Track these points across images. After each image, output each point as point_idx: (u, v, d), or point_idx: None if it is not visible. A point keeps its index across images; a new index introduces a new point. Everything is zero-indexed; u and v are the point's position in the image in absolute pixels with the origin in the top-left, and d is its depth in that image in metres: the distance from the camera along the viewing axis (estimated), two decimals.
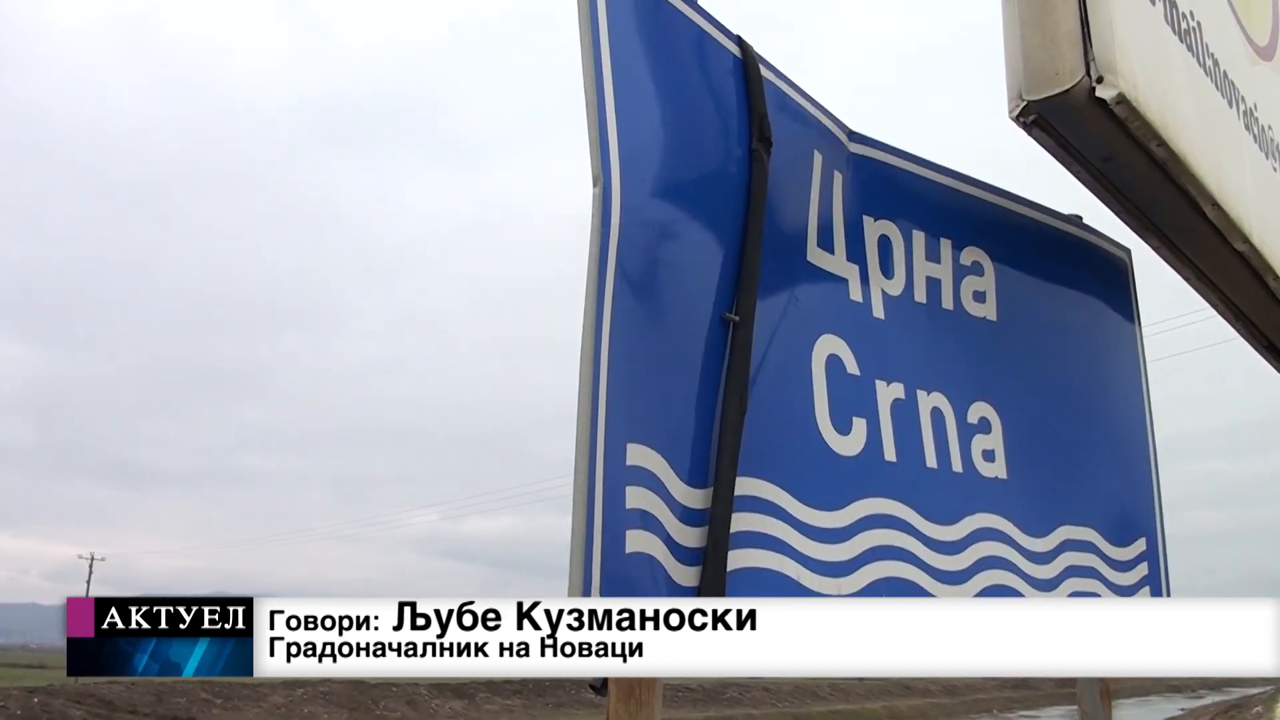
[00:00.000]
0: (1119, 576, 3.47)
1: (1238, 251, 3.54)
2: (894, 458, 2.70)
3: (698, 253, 2.29)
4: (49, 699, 41.37)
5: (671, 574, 2.02)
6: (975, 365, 3.13)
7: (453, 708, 59.75)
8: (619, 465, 1.94)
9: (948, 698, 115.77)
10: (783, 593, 2.27)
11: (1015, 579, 3.01)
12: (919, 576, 2.67)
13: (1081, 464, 3.44)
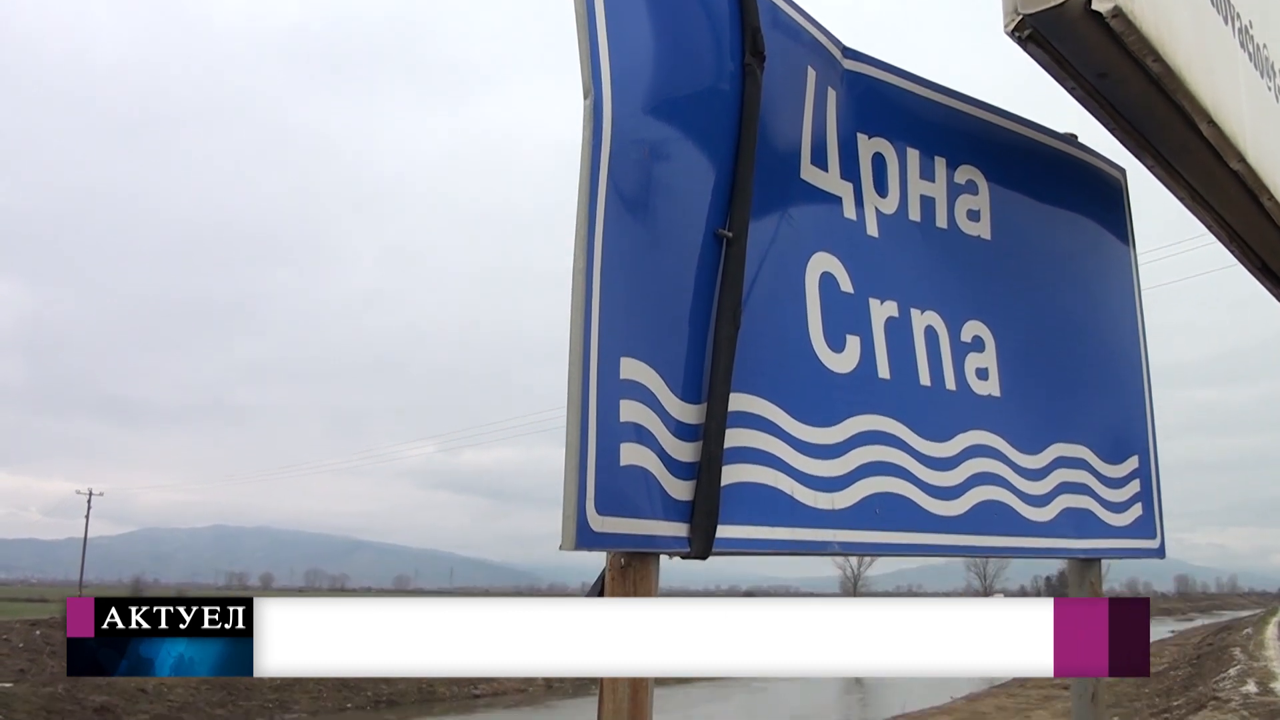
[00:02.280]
0: (1111, 494, 3.50)
1: (1233, 170, 3.52)
2: (887, 375, 2.71)
3: (690, 167, 2.27)
4: (51, 631, 41.84)
5: (666, 488, 2.04)
6: (969, 284, 3.13)
7: None
8: (612, 378, 1.94)
9: None
10: (777, 507, 2.29)
11: (1008, 495, 3.04)
12: (913, 492, 2.69)
13: (1074, 382, 3.45)
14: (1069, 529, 3.28)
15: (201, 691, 37.74)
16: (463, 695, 45.40)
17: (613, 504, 1.89)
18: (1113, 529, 3.48)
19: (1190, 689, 32.38)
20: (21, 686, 33.87)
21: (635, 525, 1.94)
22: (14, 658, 37.18)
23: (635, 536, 1.94)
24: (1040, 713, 31.50)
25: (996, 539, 2.98)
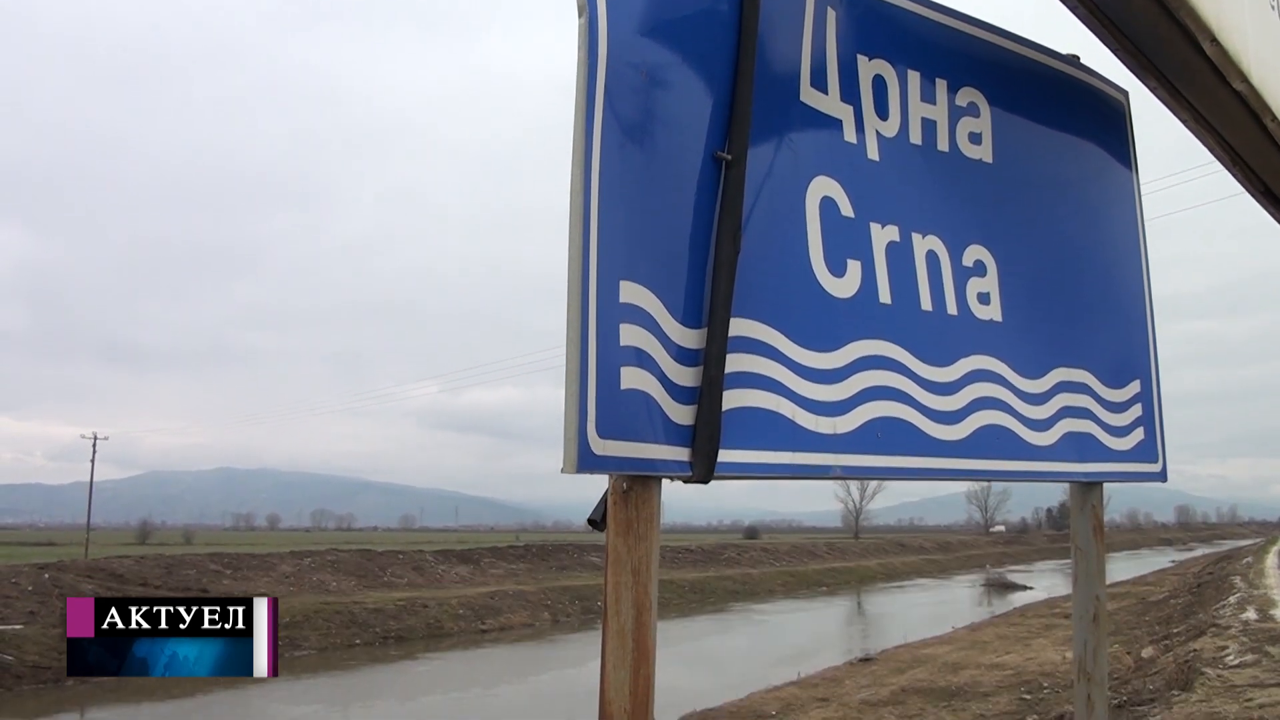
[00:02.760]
0: (1113, 418, 3.50)
1: (1236, 91, 3.48)
2: (889, 300, 2.69)
3: (688, 88, 2.24)
4: (59, 574, 42.26)
5: (667, 412, 2.04)
6: (971, 208, 3.10)
7: (459, 572, 61.11)
8: (612, 302, 1.93)
9: (941, 554, 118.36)
10: (778, 432, 2.29)
11: (1010, 419, 3.04)
12: (914, 417, 2.69)
13: (1076, 306, 3.44)
14: (1071, 453, 3.29)
15: None
16: (470, 631, 45.95)
17: (614, 427, 1.89)
18: (1114, 453, 3.48)
19: (1190, 617, 32.70)
20: (32, 628, 34.26)
21: (636, 449, 1.94)
22: (23, 600, 37.56)
23: (637, 460, 1.94)
24: (1040, 640, 31.83)
25: (998, 463, 2.98)
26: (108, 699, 29.91)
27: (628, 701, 1.89)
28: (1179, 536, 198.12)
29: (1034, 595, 59.43)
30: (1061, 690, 21.19)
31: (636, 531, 1.94)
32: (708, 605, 59.78)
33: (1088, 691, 3.39)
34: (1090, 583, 3.45)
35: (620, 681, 1.89)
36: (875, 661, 29.74)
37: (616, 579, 1.92)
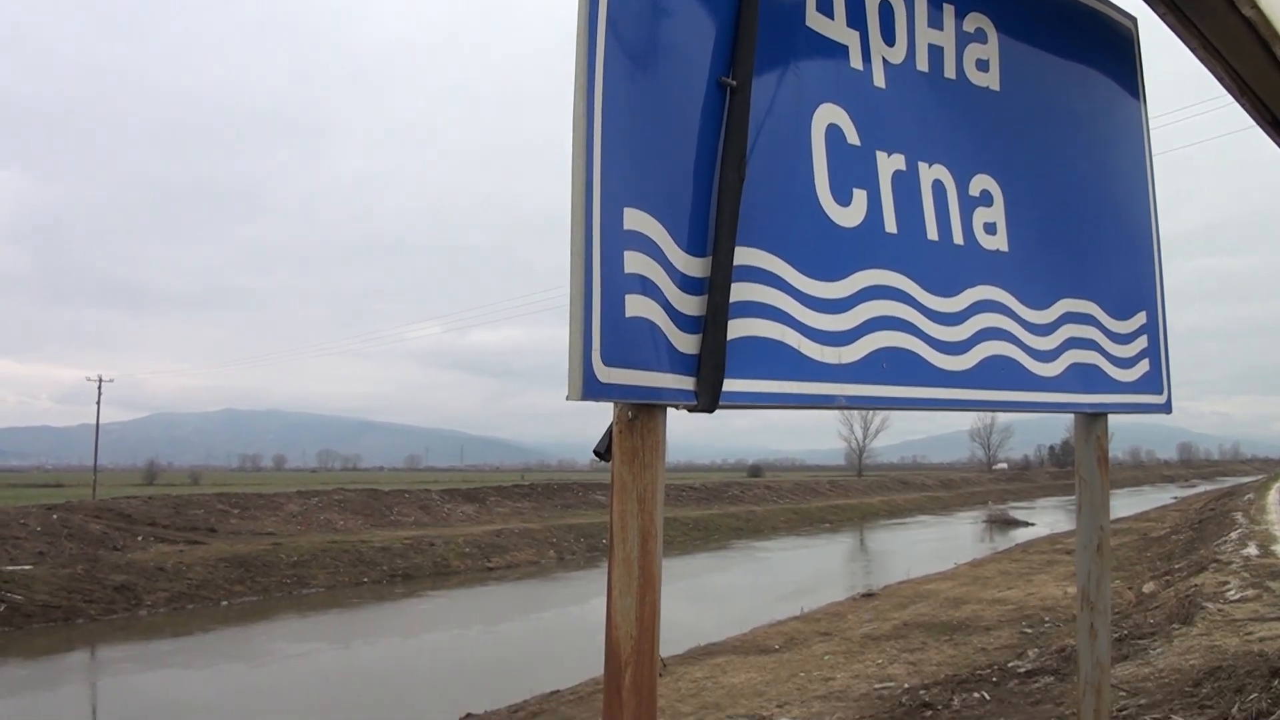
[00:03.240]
0: (1119, 349, 3.49)
1: (1245, 17, 3.43)
2: (894, 229, 2.67)
3: (692, 13, 2.20)
4: (68, 515, 42.61)
5: (672, 341, 2.03)
6: (978, 137, 3.07)
7: (465, 511, 61.57)
8: (616, 229, 1.92)
9: (944, 491, 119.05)
10: (783, 361, 2.28)
11: (1015, 350, 3.03)
12: (919, 347, 2.68)
13: (1082, 236, 3.41)
14: (1076, 384, 3.28)
15: (220, 569, 38.57)
16: (476, 569, 46.38)
17: (619, 355, 1.88)
18: (1120, 384, 3.48)
19: (1192, 552, 32.92)
20: (41, 568, 34.62)
21: (641, 377, 1.93)
22: (32, 541, 37.92)
23: (642, 388, 1.93)
24: (1042, 576, 32.09)
25: (1004, 393, 2.98)
26: (117, 636, 30.31)
27: (634, 628, 1.90)
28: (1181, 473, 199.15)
29: (1036, 531, 59.85)
30: (1062, 624, 21.40)
31: (642, 460, 1.95)
32: (711, 542, 60.28)
33: (1090, 620, 3.41)
34: (1094, 513, 3.46)
35: (627, 608, 1.91)
36: (877, 597, 30.03)
37: (622, 507, 1.93)
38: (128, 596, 34.38)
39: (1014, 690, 15.35)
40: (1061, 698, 13.87)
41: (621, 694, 1.90)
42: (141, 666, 26.61)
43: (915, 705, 15.25)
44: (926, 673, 17.91)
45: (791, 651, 21.42)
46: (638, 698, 1.90)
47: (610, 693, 1.90)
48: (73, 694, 24.02)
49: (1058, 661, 16.61)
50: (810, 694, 17.03)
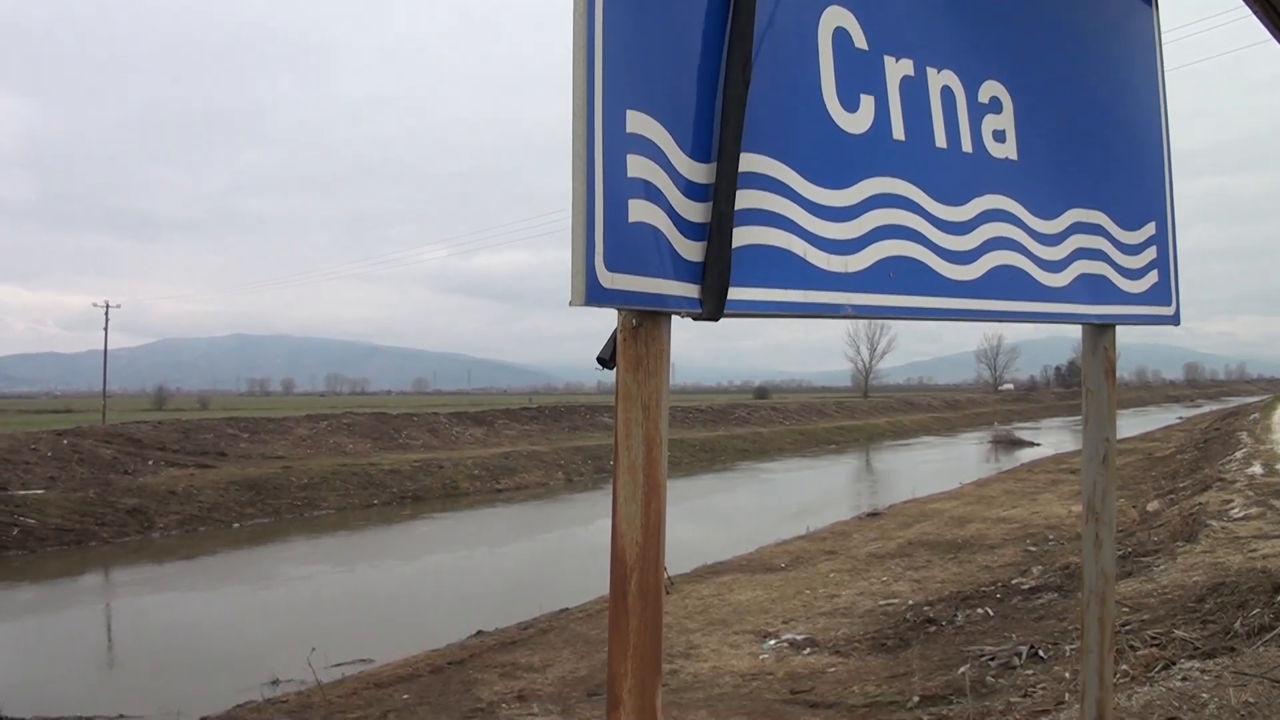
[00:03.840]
0: (1127, 260, 3.46)
1: None
2: (902, 136, 2.63)
3: None
4: (78, 440, 42.93)
5: (676, 247, 2.00)
6: (987, 42, 3.00)
7: (473, 434, 61.96)
8: (618, 131, 1.88)
9: (950, 412, 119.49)
10: (789, 269, 2.26)
11: (1023, 260, 3.00)
12: (927, 256, 2.65)
13: (1092, 145, 3.36)
14: (1084, 295, 3.26)
15: (230, 492, 38.96)
16: (486, 490, 46.81)
17: (622, 260, 1.86)
18: (1128, 295, 3.45)
19: (1196, 471, 33.08)
20: (53, 493, 34.99)
21: (646, 283, 1.91)
22: (44, 466, 38.25)
23: (646, 295, 1.91)
24: (1047, 495, 32.30)
25: (1011, 304, 2.95)
26: (130, 559, 30.71)
27: (639, 534, 1.91)
28: (1186, 393, 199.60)
29: (1041, 452, 60.16)
30: (1066, 542, 21.58)
31: (646, 368, 1.93)
32: (718, 463, 60.70)
33: (1096, 531, 3.42)
34: (1101, 425, 3.46)
35: (632, 515, 1.91)
36: (883, 516, 30.28)
37: (627, 415, 1.92)
38: (140, 519, 34.78)
39: (1017, 606, 15.53)
40: (1065, 613, 14.04)
41: (627, 599, 1.91)
42: (151, 588, 27.01)
43: (919, 621, 15.44)
44: (931, 590, 18.13)
45: (797, 569, 21.65)
46: (643, 602, 1.91)
47: (616, 598, 1.91)
48: (80, 615, 24.38)
49: (1061, 578, 16.79)
50: (816, 610, 17.26)
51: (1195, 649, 10.15)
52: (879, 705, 11.56)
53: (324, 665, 14.61)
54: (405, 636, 17.70)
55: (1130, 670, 9.58)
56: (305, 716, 13.07)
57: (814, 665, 13.81)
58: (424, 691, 13.97)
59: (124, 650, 20.28)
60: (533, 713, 12.34)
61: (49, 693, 15.45)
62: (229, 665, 16.86)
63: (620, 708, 1.91)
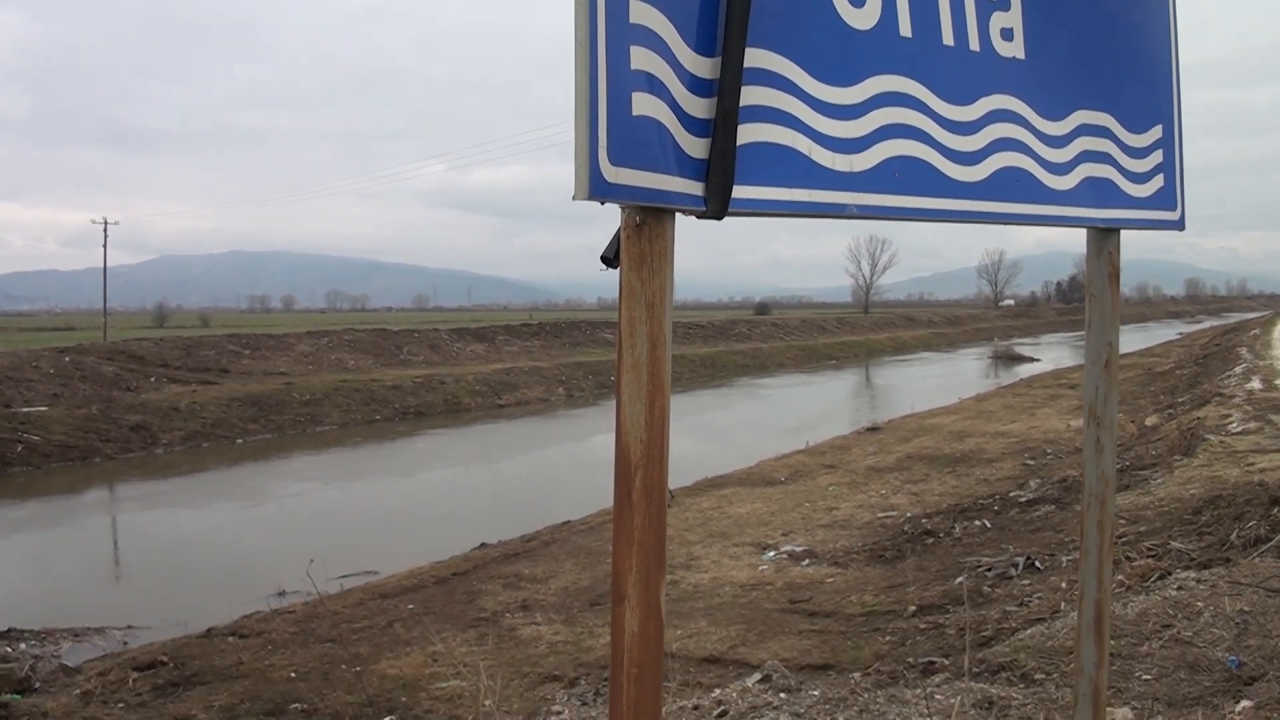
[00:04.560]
0: (1133, 164, 3.42)
1: None
2: (909, 33, 2.58)
3: None
4: (80, 357, 43.04)
5: (680, 143, 1.98)
6: None
7: (474, 350, 62.10)
8: (622, 21, 1.85)
9: (950, 328, 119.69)
10: (793, 168, 2.23)
11: (1029, 161, 2.96)
12: (932, 156, 2.62)
13: (1100, 45, 3.30)
14: (1089, 198, 3.22)
15: (233, 408, 39.16)
16: (487, 406, 47.03)
17: (626, 154, 1.83)
18: (1134, 199, 3.42)
19: (1195, 386, 33.22)
20: (56, 409, 35.17)
21: (649, 179, 1.89)
22: (46, 383, 38.40)
23: (650, 190, 1.89)
24: (1045, 410, 32.46)
25: (1016, 205, 2.92)
26: (134, 474, 30.98)
27: (643, 432, 1.91)
28: (1187, 309, 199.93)
29: (1040, 367, 60.33)
30: (1065, 456, 21.74)
31: (650, 265, 1.92)
32: (718, 379, 60.90)
33: (1097, 435, 3.43)
34: (1104, 329, 3.45)
35: (636, 414, 1.91)
36: (882, 430, 30.47)
37: (630, 313, 1.91)
38: (143, 436, 35.00)
39: (1015, 518, 15.70)
40: (1061, 525, 14.20)
41: (632, 497, 1.92)
42: (156, 504, 27.28)
43: (918, 533, 15.63)
44: (929, 503, 18.31)
45: (797, 483, 21.84)
46: (648, 500, 1.92)
47: (620, 496, 1.92)
48: (86, 530, 24.67)
49: (1059, 491, 16.95)
50: (815, 523, 17.45)
51: (1191, 560, 10.28)
52: (876, 614, 11.75)
53: (329, 578, 14.79)
54: (409, 549, 17.91)
55: (1126, 580, 9.71)
56: (312, 626, 13.27)
57: (812, 576, 14.00)
58: (429, 602, 14.18)
59: (130, 564, 20.54)
60: (536, 622, 12.53)
61: (58, 605, 15.68)
62: (235, 578, 17.09)
63: (625, 602, 1.93)
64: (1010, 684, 7.69)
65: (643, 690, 1.94)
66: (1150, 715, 6.46)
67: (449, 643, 11.88)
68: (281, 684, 11.08)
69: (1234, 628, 7.96)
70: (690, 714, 8.06)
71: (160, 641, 13.30)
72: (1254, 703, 6.19)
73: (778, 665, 9.34)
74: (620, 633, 1.93)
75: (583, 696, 9.79)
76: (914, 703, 7.58)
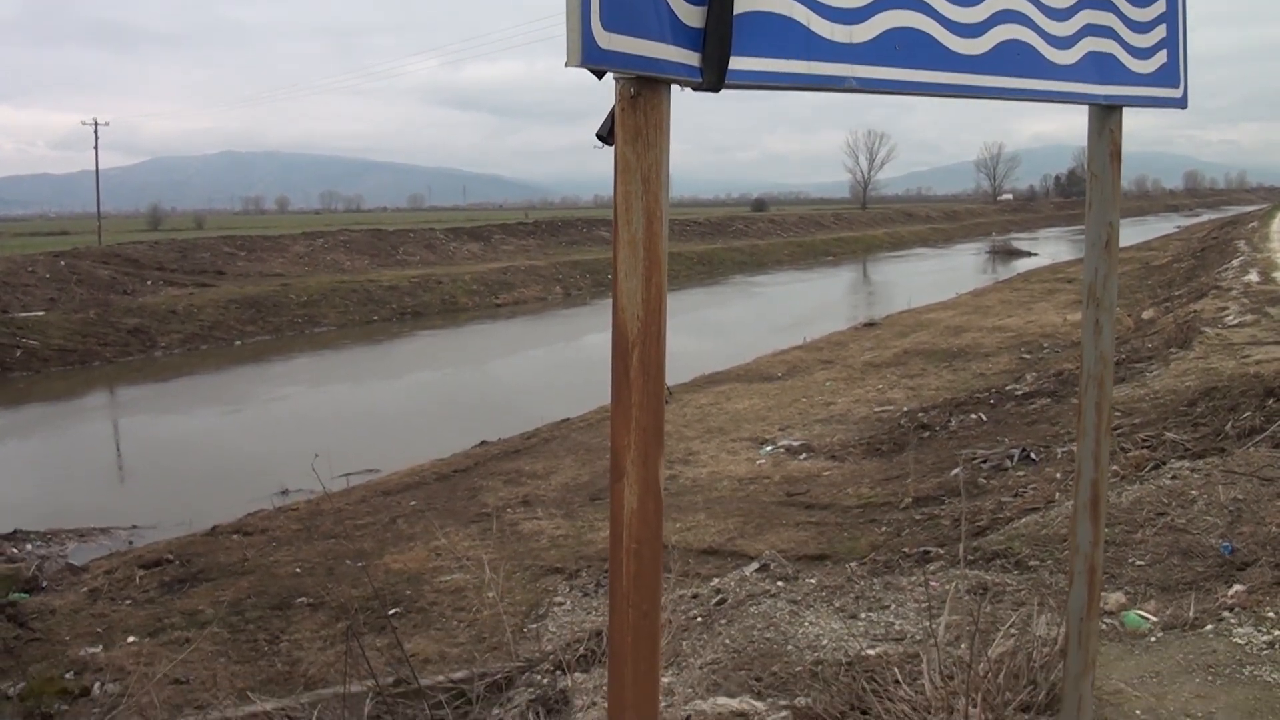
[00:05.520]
0: (1136, 39, 3.35)
1: None
2: None
3: None
4: (76, 261, 42.86)
5: (675, 11, 1.92)
6: None
7: (470, 250, 61.87)
8: None
9: (948, 223, 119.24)
10: (792, 38, 2.18)
11: (1032, 35, 2.90)
12: (934, 29, 2.55)
13: None
14: (1092, 74, 3.16)
15: (231, 311, 39.12)
16: (484, 305, 47.04)
17: (619, 20, 1.78)
18: (1136, 75, 3.36)
19: (1192, 280, 33.22)
20: (54, 314, 35.13)
21: (644, 46, 1.83)
22: (42, 288, 38.29)
23: (644, 59, 1.84)
24: (1043, 304, 32.49)
25: (1018, 81, 2.86)
26: (134, 378, 31.07)
27: (640, 309, 1.89)
28: (1186, 202, 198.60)
29: (1038, 262, 60.21)
30: (1061, 349, 21.80)
31: (646, 138, 1.88)
32: (714, 277, 60.80)
33: (1096, 316, 3.42)
34: (1104, 209, 3.42)
35: (633, 290, 1.89)
36: (879, 326, 30.51)
37: (626, 188, 1.88)
38: (142, 339, 35.02)
39: (1010, 411, 15.80)
40: (1057, 418, 14.28)
41: (629, 375, 1.91)
42: (156, 406, 27.45)
43: (914, 427, 15.73)
44: (925, 397, 18.40)
45: (794, 379, 21.93)
46: (645, 377, 1.91)
47: (618, 373, 1.91)
48: (88, 433, 24.82)
49: (1055, 384, 17.02)
50: (812, 418, 17.56)
51: (1186, 450, 10.35)
52: (872, 506, 11.88)
53: (331, 476, 14.90)
54: (410, 448, 18.03)
55: (1120, 470, 9.80)
56: (315, 523, 13.43)
57: (809, 470, 14.13)
58: (431, 498, 14.33)
59: (133, 466, 20.69)
60: (537, 517, 12.67)
61: (62, 507, 15.81)
62: (237, 478, 17.23)
63: (624, 479, 1.93)
64: (1005, 570, 7.81)
65: (642, 565, 1.95)
66: (1143, 599, 6.56)
67: (452, 537, 12.03)
68: (287, 579, 11.24)
69: (1227, 515, 8.05)
70: (689, 602, 8.19)
71: (165, 540, 13.45)
72: (1246, 587, 6.29)
73: (775, 555, 9.47)
74: (619, 509, 1.94)
75: (584, 588, 9.95)
76: (909, 589, 7.70)
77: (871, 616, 7.20)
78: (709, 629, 7.39)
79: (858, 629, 6.87)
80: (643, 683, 2.00)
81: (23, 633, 10.15)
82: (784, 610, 7.49)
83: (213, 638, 9.63)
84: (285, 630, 9.77)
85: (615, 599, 1.97)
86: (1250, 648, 5.32)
